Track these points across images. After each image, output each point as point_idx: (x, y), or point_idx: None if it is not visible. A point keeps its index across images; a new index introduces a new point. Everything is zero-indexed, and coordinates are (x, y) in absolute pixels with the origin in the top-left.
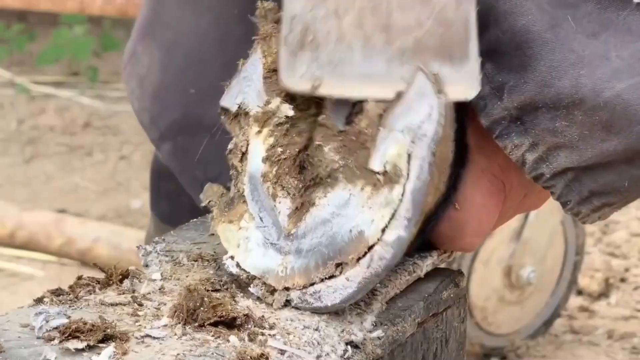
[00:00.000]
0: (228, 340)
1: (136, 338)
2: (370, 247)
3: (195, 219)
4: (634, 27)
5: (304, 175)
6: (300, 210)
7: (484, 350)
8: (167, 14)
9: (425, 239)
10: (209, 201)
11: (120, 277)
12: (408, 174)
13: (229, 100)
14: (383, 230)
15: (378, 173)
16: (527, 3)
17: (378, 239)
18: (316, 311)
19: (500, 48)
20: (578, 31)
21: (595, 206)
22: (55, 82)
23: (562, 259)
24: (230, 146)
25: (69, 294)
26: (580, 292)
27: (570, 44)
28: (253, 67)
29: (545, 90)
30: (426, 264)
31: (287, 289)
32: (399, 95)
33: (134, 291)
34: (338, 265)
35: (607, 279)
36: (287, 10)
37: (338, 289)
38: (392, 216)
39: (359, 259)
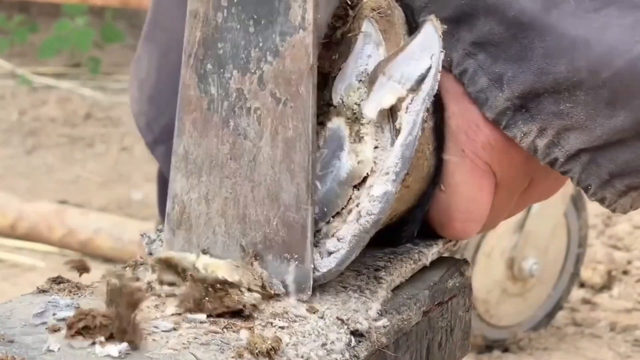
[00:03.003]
0: (236, 332)
1: (142, 329)
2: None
3: None
4: (638, 1)
5: None
6: None
7: (486, 342)
8: (165, 16)
9: (423, 222)
10: None
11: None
12: (399, 128)
13: None
14: (364, 180)
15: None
16: None
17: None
18: (316, 282)
19: (494, 39)
20: (578, 8)
21: (619, 190)
22: (57, 73)
23: (564, 251)
24: None
25: (69, 281)
26: (582, 285)
27: (563, 27)
28: None
29: (543, 78)
30: (431, 253)
31: None
32: (405, 43)
33: (137, 279)
34: (327, 222)
35: (610, 271)
36: (170, 189)
37: (331, 252)
38: (380, 170)
39: (350, 211)
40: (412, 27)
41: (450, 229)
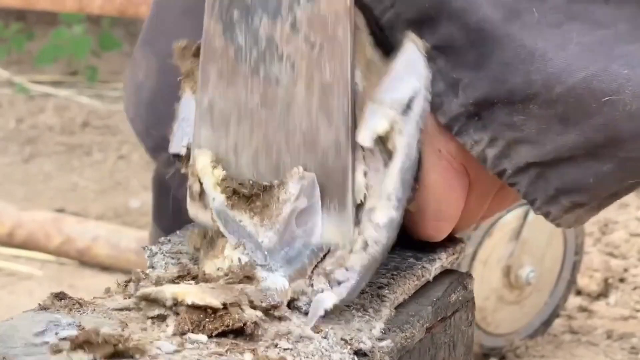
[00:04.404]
0: (240, 353)
1: (144, 349)
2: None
3: None
4: (601, 19)
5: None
6: (270, 220)
7: (483, 350)
8: (167, 22)
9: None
10: (194, 246)
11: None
12: (392, 149)
13: (176, 146)
14: (361, 205)
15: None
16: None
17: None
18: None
19: (455, 44)
20: (540, 21)
21: (565, 206)
22: (54, 81)
23: (561, 258)
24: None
25: (72, 298)
26: (579, 292)
27: (523, 38)
28: (187, 107)
29: (498, 87)
30: (435, 268)
31: (292, 300)
32: (390, 68)
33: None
34: (326, 254)
35: (606, 279)
36: (194, 142)
37: (341, 282)
38: (379, 195)
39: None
40: (373, 31)
41: (422, 227)
